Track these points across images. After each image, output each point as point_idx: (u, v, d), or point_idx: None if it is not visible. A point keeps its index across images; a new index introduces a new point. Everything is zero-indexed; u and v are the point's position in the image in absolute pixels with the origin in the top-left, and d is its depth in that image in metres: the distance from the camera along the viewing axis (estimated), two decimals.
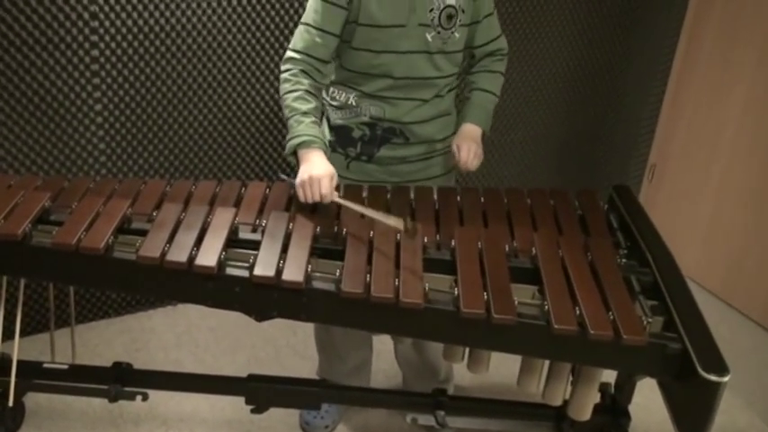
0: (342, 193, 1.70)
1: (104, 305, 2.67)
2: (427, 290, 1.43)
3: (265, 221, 1.62)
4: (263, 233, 1.58)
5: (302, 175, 1.63)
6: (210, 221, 1.60)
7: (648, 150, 3.41)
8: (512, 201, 1.77)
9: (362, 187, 1.79)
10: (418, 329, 1.49)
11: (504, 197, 1.79)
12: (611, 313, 1.39)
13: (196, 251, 1.50)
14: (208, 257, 1.49)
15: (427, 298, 1.43)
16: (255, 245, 1.54)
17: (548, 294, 1.43)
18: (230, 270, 1.49)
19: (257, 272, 1.46)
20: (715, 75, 3.03)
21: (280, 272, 1.46)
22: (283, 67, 1.77)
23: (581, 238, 1.64)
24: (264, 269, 1.46)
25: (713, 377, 1.29)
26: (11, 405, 1.82)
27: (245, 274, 1.48)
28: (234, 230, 1.59)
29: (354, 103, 1.84)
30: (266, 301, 1.50)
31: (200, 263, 1.48)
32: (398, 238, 1.55)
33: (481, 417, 1.94)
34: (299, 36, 1.76)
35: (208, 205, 1.67)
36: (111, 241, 1.53)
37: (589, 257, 1.55)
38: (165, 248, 1.51)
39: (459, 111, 1.94)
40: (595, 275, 1.49)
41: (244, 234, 1.60)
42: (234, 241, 1.57)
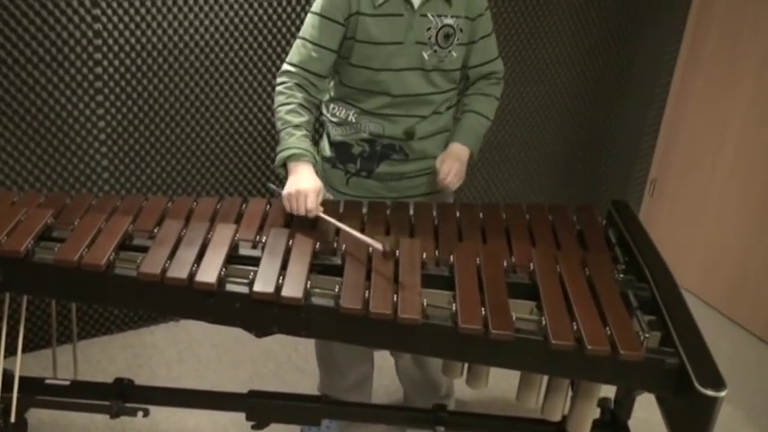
0: (342, 209, 1.71)
1: (106, 321, 2.67)
2: (425, 305, 1.44)
3: (265, 238, 1.63)
4: (263, 249, 1.59)
5: (290, 188, 1.65)
6: (211, 238, 1.61)
7: (649, 165, 3.42)
8: (510, 216, 1.78)
9: (362, 203, 1.80)
10: (416, 345, 1.50)
11: (503, 212, 1.80)
12: (608, 328, 1.39)
13: (196, 267, 1.51)
14: (208, 274, 1.50)
15: (425, 314, 1.44)
16: (255, 261, 1.55)
17: (545, 310, 1.44)
18: (230, 286, 1.50)
19: (257, 288, 1.47)
20: (716, 90, 3.04)
21: (279, 288, 1.47)
22: (278, 80, 1.79)
23: (579, 253, 1.64)
24: (264, 285, 1.47)
25: (710, 392, 1.29)
26: (13, 421, 1.83)
27: (244, 290, 1.49)
28: (234, 247, 1.60)
29: (354, 120, 1.86)
30: (266, 317, 1.51)
31: (200, 279, 1.49)
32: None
33: None
34: (295, 50, 1.78)
35: (208, 222, 1.68)
36: (112, 258, 1.54)
37: (587, 273, 1.56)
38: (166, 265, 1.52)
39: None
40: (593, 291, 1.50)
41: (244, 250, 1.61)
42: (234, 257, 1.58)
